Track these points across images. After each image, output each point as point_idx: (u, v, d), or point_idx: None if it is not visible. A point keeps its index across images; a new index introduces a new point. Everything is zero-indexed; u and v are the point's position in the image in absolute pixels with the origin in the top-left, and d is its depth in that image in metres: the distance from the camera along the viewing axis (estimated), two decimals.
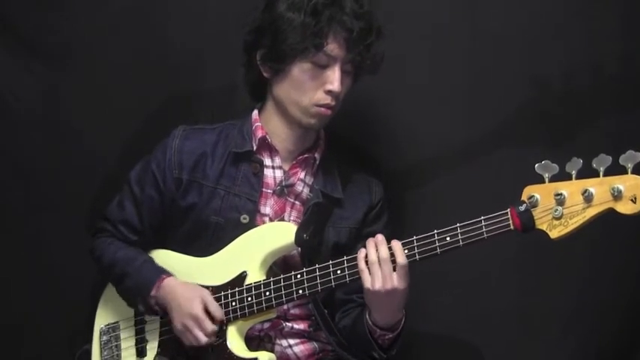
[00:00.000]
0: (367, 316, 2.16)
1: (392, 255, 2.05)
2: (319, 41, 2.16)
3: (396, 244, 2.05)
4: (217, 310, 2.20)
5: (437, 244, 2.00)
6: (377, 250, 2.06)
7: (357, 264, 2.09)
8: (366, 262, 2.07)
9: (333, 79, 2.20)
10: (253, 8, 2.27)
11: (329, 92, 2.21)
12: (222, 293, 2.23)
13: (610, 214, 1.84)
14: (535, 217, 1.90)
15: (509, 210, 1.93)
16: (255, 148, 2.32)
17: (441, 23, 2.58)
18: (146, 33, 2.75)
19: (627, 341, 2.54)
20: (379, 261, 2.05)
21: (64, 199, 2.79)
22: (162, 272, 2.30)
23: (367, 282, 2.06)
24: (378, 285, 2.04)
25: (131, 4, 2.75)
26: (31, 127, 2.79)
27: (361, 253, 2.09)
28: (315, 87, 2.22)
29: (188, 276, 2.30)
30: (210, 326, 2.19)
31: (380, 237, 2.08)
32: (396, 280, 2.04)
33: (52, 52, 2.77)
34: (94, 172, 2.78)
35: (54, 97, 2.79)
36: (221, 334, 2.22)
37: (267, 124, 2.34)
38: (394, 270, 2.04)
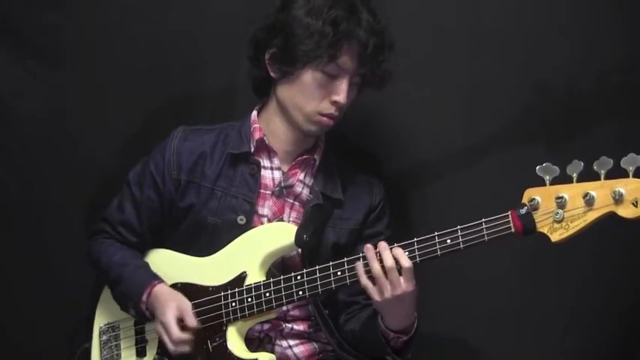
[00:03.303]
0: (380, 321, 2.14)
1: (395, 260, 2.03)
2: (333, 52, 2.15)
3: (398, 250, 2.02)
4: (191, 321, 2.19)
5: (437, 247, 1.99)
6: (380, 260, 2.03)
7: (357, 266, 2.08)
8: (369, 276, 2.05)
9: (341, 90, 2.19)
10: (267, 2, 2.26)
11: (334, 103, 2.21)
12: (222, 293, 2.23)
13: (610, 217, 1.83)
14: (536, 220, 1.90)
15: (510, 213, 1.92)
16: (252, 149, 2.32)
17: (443, 25, 2.58)
18: (146, 33, 2.74)
19: (627, 341, 2.54)
20: (385, 271, 2.02)
21: (64, 200, 2.79)
22: (154, 278, 2.30)
23: (375, 295, 2.04)
24: (387, 295, 2.02)
25: (131, 4, 2.74)
26: (31, 127, 2.79)
27: (360, 268, 2.06)
28: (321, 96, 2.21)
29: (188, 276, 2.31)
30: (177, 334, 2.17)
31: (383, 244, 2.05)
32: (404, 285, 2.01)
33: (52, 52, 2.76)
34: (93, 172, 2.78)
35: (54, 97, 2.78)
36: (221, 335, 2.22)
37: (267, 124, 2.34)
38: (400, 274, 2.02)
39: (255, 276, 2.22)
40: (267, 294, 2.18)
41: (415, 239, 2.02)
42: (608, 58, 2.44)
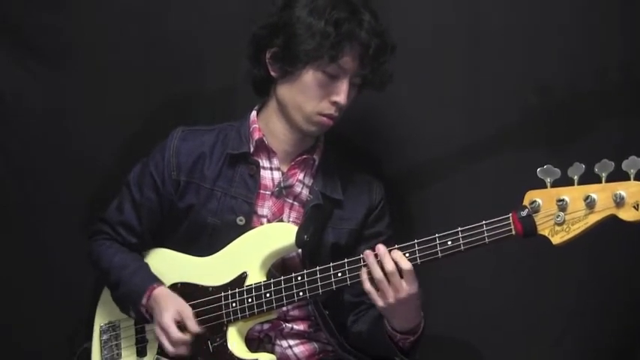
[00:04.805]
0: (385, 322, 2.14)
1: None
2: (335, 53, 2.15)
3: (396, 253, 2.02)
4: (193, 326, 2.20)
5: (438, 248, 1.99)
6: (381, 265, 2.03)
7: (357, 267, 2.07)
8: (371, 280, 2.04)
9: (341, 91, 2.19)
10: (268, 2, 2.26)
11: (334, 103, 2.21)
12: (223, 294, 2.23)
13: (610, 218, 1.83)
14: (537, 223, 1.90)
15: (510, 215, 1.92)
16: (252, 149, 2.32)
17: (443, 25, 2.58)
18: (146, 33, 2.74)
19: (627, 341, 2.54)
20: (386, 276, 2.02)
21: (64, 200, 2.79)
22: (153, 281, 2.30)
23: (379, 301, 2.04)
24: (391, 299, 2.02)
25: (131, 4, 2.74)
26: (31, 127, 2.79)
27: (364, 274, 2.05)
28: (321, 96, 2.21)
29: (188, 276, 2.31)
30: (176, 335, 2.18)
31: (382, 249, 2.04)
32: (407, 287, 2.01)
33: (52, 52, 2.75)
34: (94, 172, 2.78)
35: (54, 97, 2.78)
36: (221, 335, 2.22)
37: (266, 124, 2.33)
38: (401, 277, 2.01)
39: (256, 276, 2.23)
40: (268, 294, 2.18)
41: (416, 241, 2.02)
42: (611, 60, 2.44)
